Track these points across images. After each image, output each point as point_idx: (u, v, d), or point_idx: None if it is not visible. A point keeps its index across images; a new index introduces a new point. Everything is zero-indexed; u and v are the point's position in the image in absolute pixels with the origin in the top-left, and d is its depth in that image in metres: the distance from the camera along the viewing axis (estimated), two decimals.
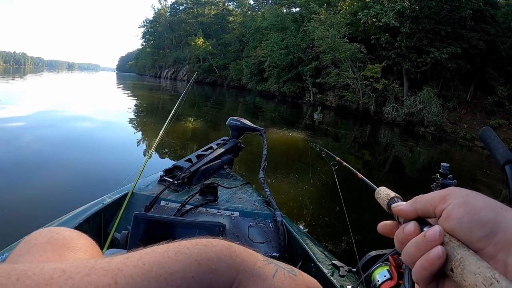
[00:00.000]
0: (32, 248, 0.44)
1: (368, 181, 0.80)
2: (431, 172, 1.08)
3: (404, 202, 0.35)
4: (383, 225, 0.37)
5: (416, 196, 0.34)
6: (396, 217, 0.36)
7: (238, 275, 0.31)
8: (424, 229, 0.31)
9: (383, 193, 0.41)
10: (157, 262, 0.27)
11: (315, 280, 0.37)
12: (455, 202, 0.29)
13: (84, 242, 0.49)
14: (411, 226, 0.32)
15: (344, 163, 1.56)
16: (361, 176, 1.08)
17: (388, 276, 0.92)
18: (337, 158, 1.73)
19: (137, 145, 6.51)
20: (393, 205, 0.36)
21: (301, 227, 3.20)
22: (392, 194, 0.40)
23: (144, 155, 5.52)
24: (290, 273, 0.34)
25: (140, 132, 8.07)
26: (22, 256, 0.43)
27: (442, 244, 0.28)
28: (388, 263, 0.97)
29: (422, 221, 0.32)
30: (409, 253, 0.30)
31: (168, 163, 5.19)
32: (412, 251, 0.30)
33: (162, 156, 5.74)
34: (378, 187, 0.43)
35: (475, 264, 0.25)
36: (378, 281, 0.92)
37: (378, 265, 0.96)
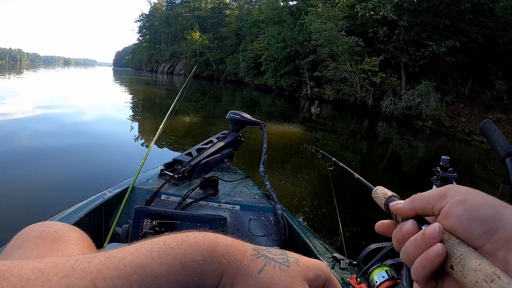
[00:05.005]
0: (24, 243, 0.44)
1: (365, 181, 0.81)
2: (430, 166, 1.08)
3: (402, 201, 0.35)
4: (381, 225, 0.37)
5: (414, 195, 0.33)
6: (394, 216, 0.36)
7: (223, 278, 0.30)
8: (423, 227, 0.30)
9: (380, 192, 0.41)
10: (139, 263, 0.26)
11: (319, 263, 0.35)
12: (454, 199, 0.29)
13: (75, 235, 0.49)
14: (410, 224, 0.31)
15: (341, 164, 1.56)
16: (358, 176, 1.08)
17: (386, 277, 0.93)
18: (333, 159, 1.72)
19: (137, 140, 6.50)
20: (391, 204, 0.36)
21: (301, 220, 3.22)
22: (390, 193, 0.39)
23: (144, 149, 5.51)
24: (282, 265, 0.32)
25: (139, 127, 8.05)
26: (14, 251, 0.44)
27: (442, 241, 0.28)
28: (386, 262, 0.98)
29: (421, 219, 0.32)
30: (408, 251, 0.30)
31: (168, 157, 5.17)
32: (411, 249, 0.30)
33: (162, 150, 5.73)
34: (375, 187, 0.43)
35: (476, 261, 0.25)
36: (377, 281, 0.93)
37: (376, 265, 0.97)
